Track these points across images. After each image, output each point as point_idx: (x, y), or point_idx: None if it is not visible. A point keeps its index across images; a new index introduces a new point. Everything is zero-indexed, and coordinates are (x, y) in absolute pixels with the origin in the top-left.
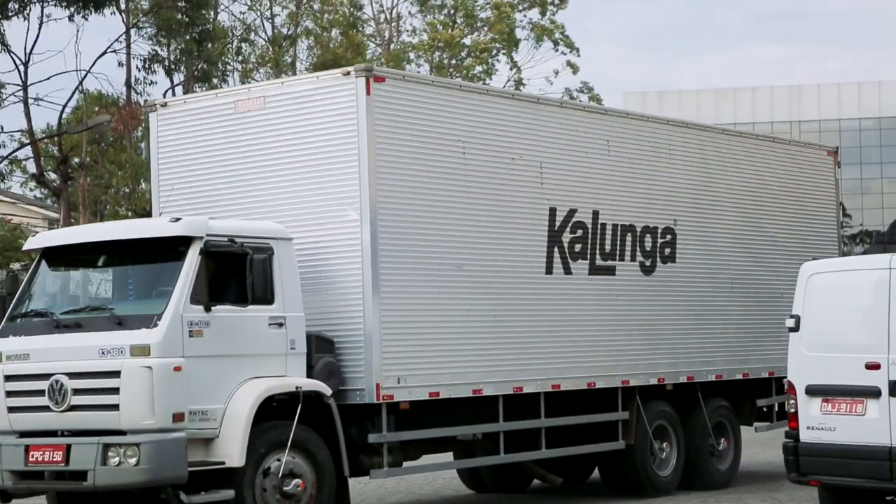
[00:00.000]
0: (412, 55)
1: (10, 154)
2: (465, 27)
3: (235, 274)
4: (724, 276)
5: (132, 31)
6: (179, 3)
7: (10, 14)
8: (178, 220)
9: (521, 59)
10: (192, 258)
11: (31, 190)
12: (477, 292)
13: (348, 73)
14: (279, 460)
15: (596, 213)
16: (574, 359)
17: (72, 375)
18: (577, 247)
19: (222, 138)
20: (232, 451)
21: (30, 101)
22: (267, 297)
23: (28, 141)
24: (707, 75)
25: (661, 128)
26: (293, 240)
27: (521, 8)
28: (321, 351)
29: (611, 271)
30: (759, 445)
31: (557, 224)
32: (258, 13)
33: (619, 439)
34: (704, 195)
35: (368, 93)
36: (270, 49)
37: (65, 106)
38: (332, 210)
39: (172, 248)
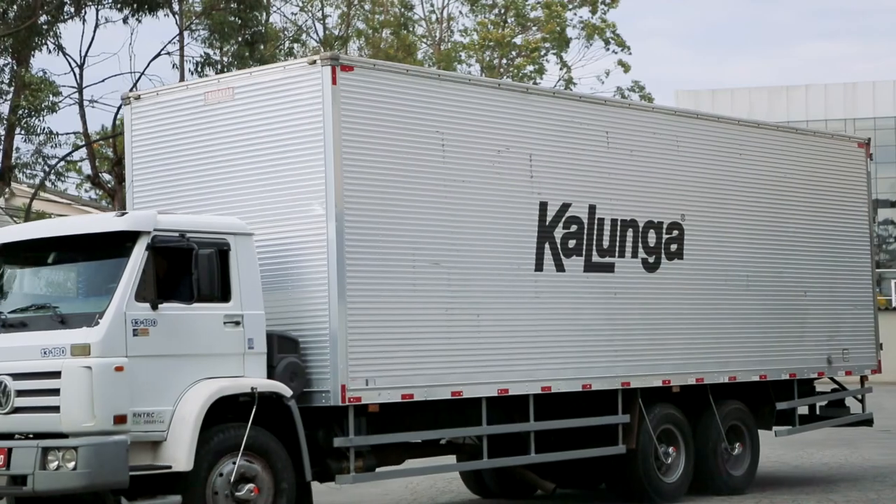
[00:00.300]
0: (463, 55)
1: (65, 156)
2: (516, 26)
3: (186, 270)
4: (739, 274)
5: (185, 34)
6: (232, 6)
7: (65, 17)
8: (123, 214)
9: (572, 58)
10: (139, 254)
11: (86, 191)
12: (457, 290)
13: (314, 61)
14: (233, 464)
15: (593, 208)
16: (567, 359)
17: (15, 376)
18: (571, 242)
19: (193, 131)
20: (179, 454)
21: (85, 103)
22: (213, 294)
23: (83, 143)
24: (760, 73)
25: (667, 119)
26: (253, 235)
27: (571, 7)
28: (284, 351)
29: (609, 268)
30: (814, 446)
31: (549, 219)
32: (309, 14)
33: (620, 444)
34: (717, 189)
35: (335, 82)
36: (322, 50)
37: (119, 108)
38: (298, 205)
39: (119, 244)
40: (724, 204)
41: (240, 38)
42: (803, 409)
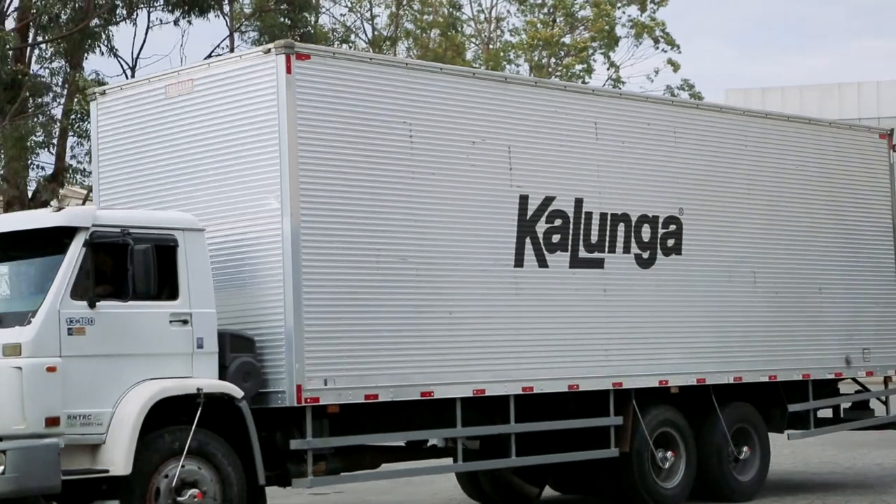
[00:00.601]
0: (511, 54)
1: None
2: (565, 26)
3: (125, 268)
4: (745, 271)
5: (235, 35)
6: (282, 7)
7: (117, 20)
8: (60, 209)
9: (621, 57)
10: (75, 250)
11: None
12: (427, 286)
13: (269, 50)
14: (175, 469)
15: (579, 202)
16: (552, 359)
17: None
18: (556, 237)
19: (156, 126)
20: (117, 458)
21: None
22: (149, 292)
23: None
24: (812, 71)
25: (663, 110)
26: (205, 231)
27: (620, 5)
28: (238, 350)
29: (598, 264)
30: (866, 447)
31: (530, 213)
32: (358, 15)
33: (612, 447)
34: (720, 183)
35: (289, 71)
36: (371, 51)
37: None
38: (254, 199)
39: (57, 241)
40: (728, 198)
41: (289, 39)
42: (827, 412)
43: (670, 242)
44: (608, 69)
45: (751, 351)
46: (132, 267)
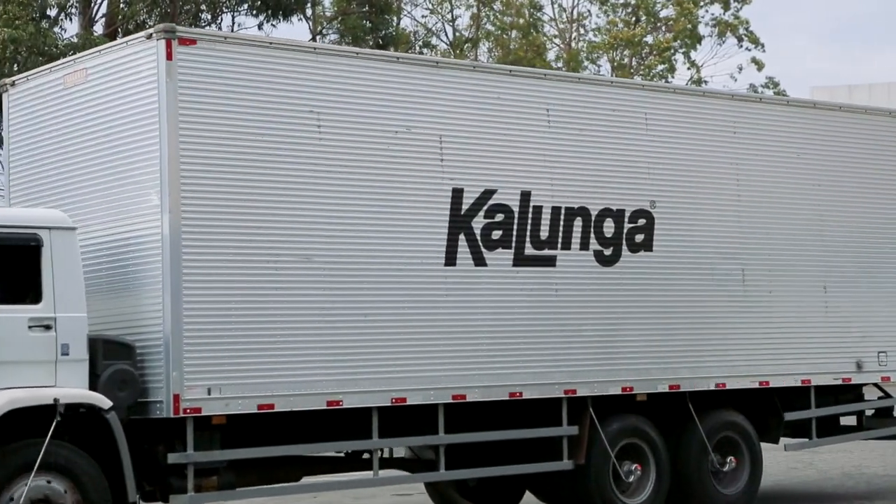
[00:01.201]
0: (593, 54)
1: None
2: (647, 25)
3: None
4: (732, 268)
5: (318, 38)
6: (364, 10)
7: (203, 24)
8: None
9: (703, 56)
10: None
11: None
12: (337, 287)
13: (150, 35)
14: (25, 485)
15: (526, 195)
16: (490, 364)
17: None
18: (496, 234)
19: (55, 117)
20: None
21: None
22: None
23: None
24: None
25: (633, 94)
26: (76, 230)
27: (702, 4)
28: (113, 357)
29: (549, 262)
30: None
31: (465, 207)
32: (440, 17)
33: (565, 459)
34: (702, 172)
35: (169, 57)
36: (452, 53)
37: None
38: (137, 196)
39: None
40: (713, 188)
41: (371, 42)
42: (851, 419)
43: (639, 238)
44: (689, 69)
45: (737, 355)
46: None
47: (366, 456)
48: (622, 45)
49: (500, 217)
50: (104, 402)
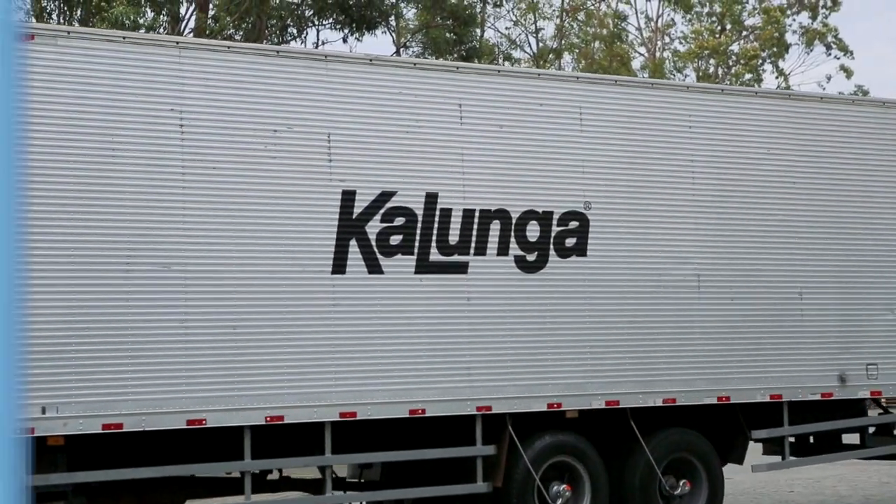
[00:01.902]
0: (680, 63)
1: None
2: (732, 33)
3: None
4: (685, 273)
5: (402, 51)
6: (448, 23)
7: (289, 38)
8: None
9: (791, 64)
10: None
11: None
12: (200, 297)
13: None
14: None
15: (432, 197)
16: (388, 379)
17: None
18: (395, 239)
19: None
20: None
21: None
22: None
23: None
24: None
25: (564, 87)
26: None
27: (790, 13)
28: None
29: (459, 268)
30: None
31: (357, 211)
32: (523, 28)
33: (479, 481)
34: (648, 171)
35: None
36: (535, 63)
37: None
38: None
39: None
40: (661, 189)
41: (455, 54)
42: (854, 438)
43: (570, 242)
44: (776, 77)
45: (691, 368)
46: None
47: (236, 475)
48: (707, 54)
49: (399, 221)
50: None
